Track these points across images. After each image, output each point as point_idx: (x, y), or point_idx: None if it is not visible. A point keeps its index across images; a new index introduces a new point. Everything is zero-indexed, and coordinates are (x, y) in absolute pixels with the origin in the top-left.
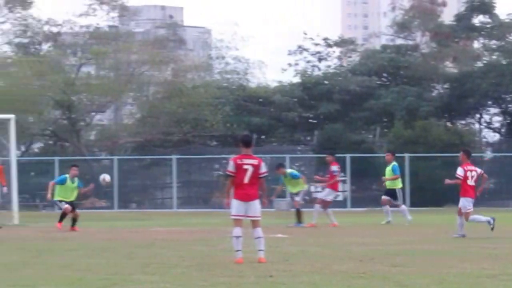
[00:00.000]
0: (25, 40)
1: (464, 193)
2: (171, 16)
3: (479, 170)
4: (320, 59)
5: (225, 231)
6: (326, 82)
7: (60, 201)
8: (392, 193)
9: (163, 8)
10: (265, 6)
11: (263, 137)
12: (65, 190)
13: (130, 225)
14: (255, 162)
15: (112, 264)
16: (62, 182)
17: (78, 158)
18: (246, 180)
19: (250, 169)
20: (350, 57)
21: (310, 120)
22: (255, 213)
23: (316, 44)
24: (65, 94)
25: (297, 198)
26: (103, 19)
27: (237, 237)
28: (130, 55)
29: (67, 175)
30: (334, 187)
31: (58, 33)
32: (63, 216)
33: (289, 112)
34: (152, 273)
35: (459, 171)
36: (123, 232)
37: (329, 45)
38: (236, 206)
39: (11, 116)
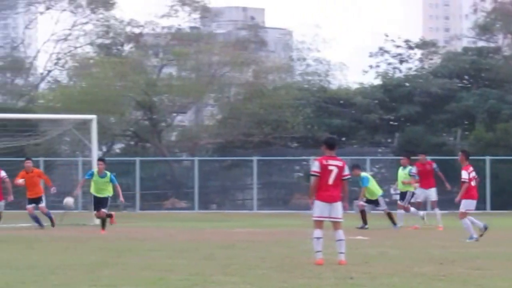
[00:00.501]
0: (107, 41)
1: (468, 195)
2: (252, 18)
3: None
4: (401, 61)
5: (305, 232)
6: (407, 84)
7: (94, 197)
8: (403, 195)
9: (244, 9)
10: (347, 8)
11: (343, 139)
12: (96, 185)
13: (210, 226)
14: (339, 163)
15: (192, 264)
16: (91, 176)
17: (159, 159)
18: (330, 181)
19: (335, 170)
20: (431, 59)
21: (391, 122)
22: (338, 215)
23: (398, 46)
24: (147, 95)
25: (383, 207)
26: (184, 20)
27: (318, 238)
28: (212, 56)
29: (94, 170)
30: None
31: (140, 34)
32: (102, 222)
33: (370, 114)
34: (232, 274)
35: (465, 175)
36: (204, 233)
37: (411, 47)
38: (319, 207)
39: (93, 116)
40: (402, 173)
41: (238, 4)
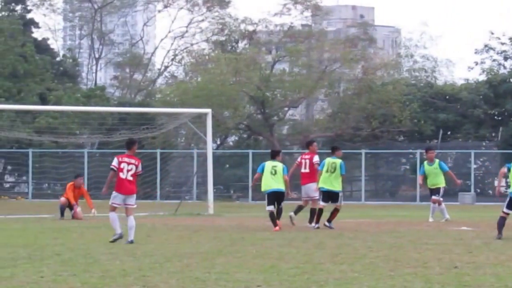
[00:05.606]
0: (222, 38)
1: None
2: (362, 16)
3: None
4: (506, 58)
5: (411, 223)
6: (511, 80)
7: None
8: (437, 190)
9: (354, 8)
10: (454, 6)
11: (449, 133)
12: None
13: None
14: None
15: (303, 253)
16: (261, 170)
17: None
18: None
19: None
20: None
21: (495, 117)
22: None
23: (503, 43)
24: (260, 90)
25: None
26: (297, 18)
27: None
28: (322, 53)
29: (266, 162)
30: None
31: (254, 32)
32: (271, 217)
33: (475, 109)
34: (340, 263)
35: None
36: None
37: None
38: None
39: (208, 110)
40: (431, 168)
41: (348, 2)
